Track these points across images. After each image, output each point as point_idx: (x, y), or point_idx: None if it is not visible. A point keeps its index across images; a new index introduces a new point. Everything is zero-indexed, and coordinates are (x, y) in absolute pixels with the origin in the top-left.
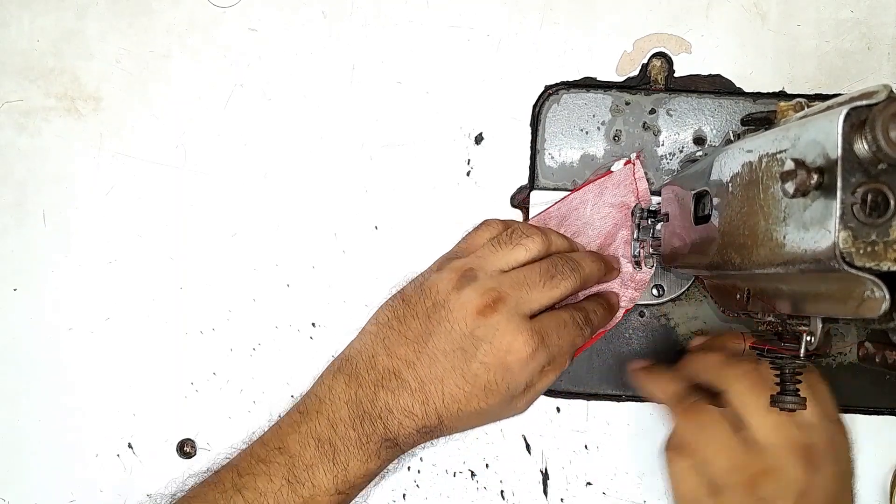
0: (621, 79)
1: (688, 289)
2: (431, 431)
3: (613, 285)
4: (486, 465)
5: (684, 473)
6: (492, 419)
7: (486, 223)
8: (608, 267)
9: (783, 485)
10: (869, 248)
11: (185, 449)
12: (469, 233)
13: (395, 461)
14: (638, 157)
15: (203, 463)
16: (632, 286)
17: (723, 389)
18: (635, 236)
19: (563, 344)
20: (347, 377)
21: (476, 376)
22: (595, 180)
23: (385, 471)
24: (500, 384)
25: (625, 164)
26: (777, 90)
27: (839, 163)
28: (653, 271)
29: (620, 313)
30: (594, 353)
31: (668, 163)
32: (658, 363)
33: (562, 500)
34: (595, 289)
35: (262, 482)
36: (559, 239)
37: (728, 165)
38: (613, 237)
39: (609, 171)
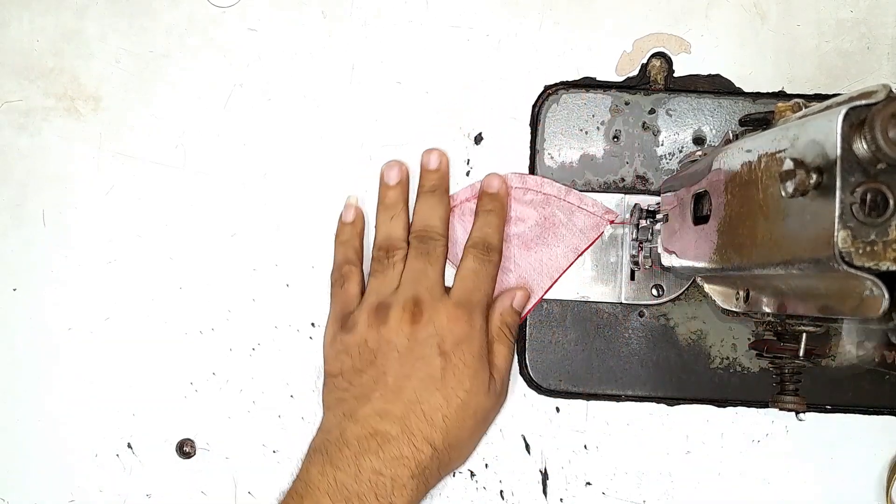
0: (621, 79)
1: (687, 289)
2: (427, 467)
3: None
4: (486, 465)
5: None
6: (481, 414)
7: (344, 274)
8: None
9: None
10: (868, 248)
11: (185, 449)
12: (334, 290)
13: None
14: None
15: (202, 463)
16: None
17: None
18: (634, 236)
19: (483, 285)
20: (321, 466)
21: (443, 369)
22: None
23: None
24: (466, 360)
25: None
26: (777, 90)
27: (838, 162)
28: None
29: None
30: (594, 354)
31: (667, 163)
32: None
33: (561, 500)
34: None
35: None
36: (398, 225)
37: (727, 165)
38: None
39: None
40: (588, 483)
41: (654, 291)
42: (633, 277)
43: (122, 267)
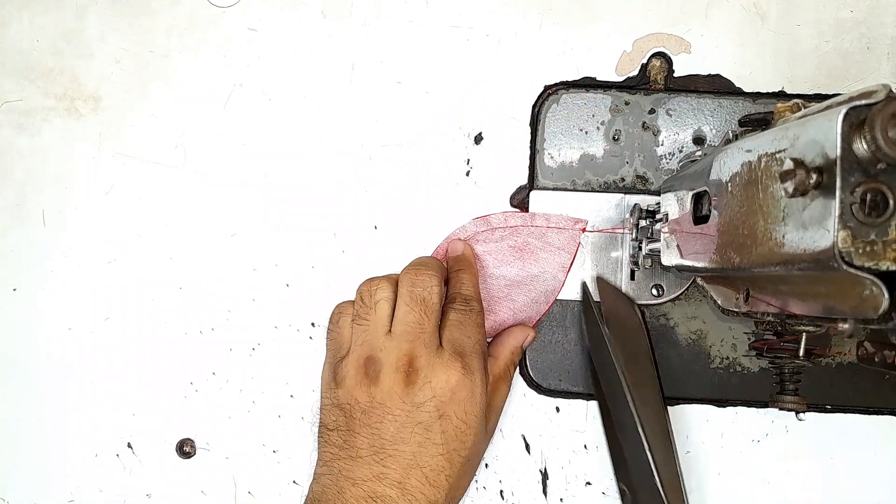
0: (621, 79)
1: (687, 289)
2: None
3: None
4: (486, 465)
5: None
6: (479, 460)
7: (339, 309)
8: (443, 252)
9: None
10: (868, 248)
11: (185, 449)
12: (329, 327)
13: None
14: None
15: (202, 463)
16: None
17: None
18: (633, 236)
19: (472, 332)
20: None
21: (444, 433)
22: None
23: None
24: (467, 419)
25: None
26: (777, 90)
27: (838, 162)
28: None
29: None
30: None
31: (667, 163)
32: None
33: (561, 499)
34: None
35: None
36: (391, 276)
37: (727, 165)
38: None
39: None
40: (588, 483)
41: (654, 291)
42: (633, 277)
43: (122, 267)
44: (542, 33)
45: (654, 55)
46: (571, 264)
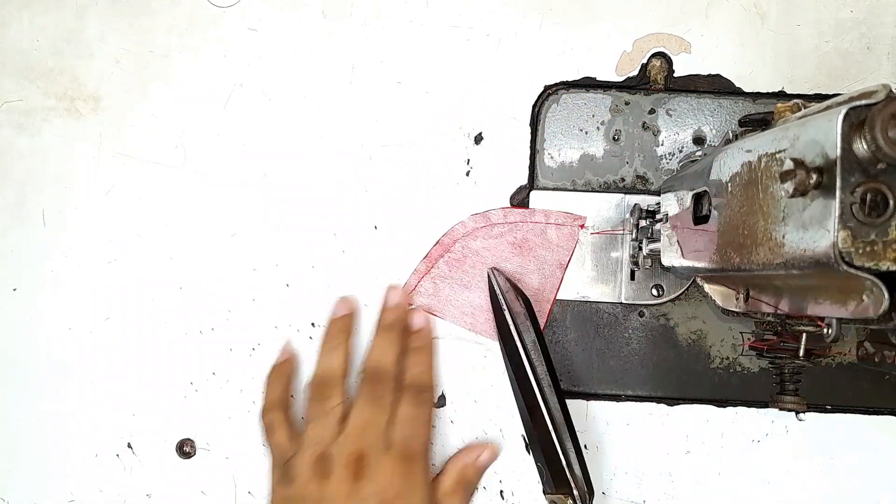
0: (621, 79)
1: (687, 289)
2: None
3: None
4: None
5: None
6: None
7: (268, 420)
8: (402, 325)
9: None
10: (868, 248)
11: (185, 449)
12: (265, 437)
13: None
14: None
15: (202, 463)
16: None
17: None
18: (633, 236)
19: (420, 432)
20: None
21: None
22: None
23: None
24: None
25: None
26: (777, 90)
27: (838, 162)
28: None
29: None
30: (594, 354)
31: (667, 163)
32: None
33: None
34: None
35: None
36: (338, 360)
37: (727, 165)
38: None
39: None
40: None
41: (654, 291)
42: (633, 277)
43: (122, 267)
44: (542, 33)
45: (654, 55)
46: (569, 262)
